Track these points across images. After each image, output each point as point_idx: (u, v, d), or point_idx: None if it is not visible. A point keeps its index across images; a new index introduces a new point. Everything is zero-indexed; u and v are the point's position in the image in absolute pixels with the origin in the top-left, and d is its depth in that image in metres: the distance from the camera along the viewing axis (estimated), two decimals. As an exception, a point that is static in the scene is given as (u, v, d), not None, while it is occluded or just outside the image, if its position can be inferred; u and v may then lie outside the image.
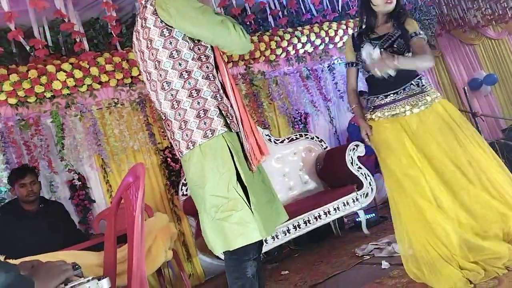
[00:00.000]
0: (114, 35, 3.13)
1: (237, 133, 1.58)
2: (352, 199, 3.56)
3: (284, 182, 3.97)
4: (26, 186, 2.84)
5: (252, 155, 1.56)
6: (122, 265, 1.73)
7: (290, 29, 4.41)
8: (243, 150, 1.57)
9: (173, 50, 1.51)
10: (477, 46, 6.56)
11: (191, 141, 1.53)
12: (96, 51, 3.52)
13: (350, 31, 4.68)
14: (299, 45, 4.48)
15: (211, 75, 1.56)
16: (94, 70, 3.39)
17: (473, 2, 5.47)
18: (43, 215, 2.91)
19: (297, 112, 4.63)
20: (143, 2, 1.58)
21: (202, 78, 1.54)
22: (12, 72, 3.17)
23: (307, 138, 4.24)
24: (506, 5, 6.09)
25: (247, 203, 1.48)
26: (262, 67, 4.45)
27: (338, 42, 4.70)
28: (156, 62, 1.54)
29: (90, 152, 3.53)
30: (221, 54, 1.62)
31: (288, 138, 4.14)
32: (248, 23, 3.96)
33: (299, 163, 4.12)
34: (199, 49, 1.55)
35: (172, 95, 1.54)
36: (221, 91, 1.58)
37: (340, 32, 4.61)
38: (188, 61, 1.53)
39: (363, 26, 2.23)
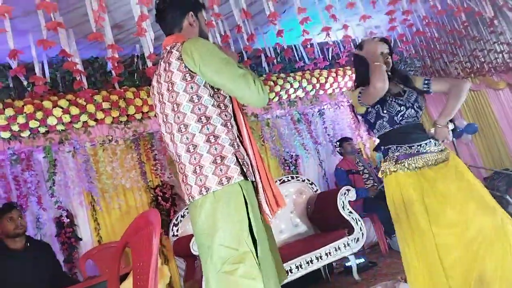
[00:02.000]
0: (115, 75, 3.18)
1: (252, 182, 1.57)
2: (344, 244, 3.57)
3: (275, 224, 3.96)
4: (14, 220, 2.75)
5: (268, 206, 1.57)
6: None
7: (283, 75, 4.56)
8: (259, 201, 1.57)
9: (194, 95, 1.53)
10: (457, 97, 6.86)
11: (204, 186, 1.51)
12: (94, 88, 3.56)
13: (340, 79, 4.88)
14: (291, 90, 4.62)
15: (229, 123, 1.57)
16: (91, 107, 3.41)
17: (454, 56, 5.79)
18: (29, 254, 2.80)
19: (288, 154, 4.71)
20: (168, 48, 1.62)
21: (221, 125, 1.55)
22: (8, 106, 3.17)
23: (298, 180, 4.29)
24: (483, 60, 6.46)
25: (256, 257, 1.45)
26: (255, 109, 4.55)
27: (328, 88, 4.87)
28: (175, 105, 1.55)
29: (80, 189, 3.49)
30: (239, 104, 1.65)
31: (279, 180, 4.18)
32: (243, 67, 4.09)
33: (291, 205, 4.14)
34: (218, 97, 1.58)
35: (188, 138, 1.54)
36: (238, 140, 1.58)
37: (330, 79, 4.80)
38: (208, 107, 1.54)
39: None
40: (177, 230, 3.46)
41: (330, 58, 4.52)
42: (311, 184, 4.29)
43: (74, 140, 3.50)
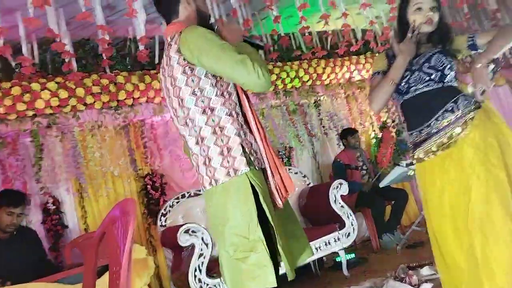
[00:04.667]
0: (105, 58, 3.08)
1: (262, 169, 1.59)
2: (334, 238, 3.51)
3: (266, 216, 3.89)
4: (13, 216, 2.65)
5: (277, 192, 1.58)
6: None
7: (279, 64, 4.46)
8: (269, 187, 1.58)
9: (196, 88, 1.53)
10: (456, 92, 6.80)
11: (214, 178, 1.54)
12: (84, 72, 3.44)
13: (338, 69, 4.78)
14: (288, 80, 4.52)
15: (234, 112, 1.56)
16: (80, 91, 3.30)
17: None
18: (15, 241, 2.71)
19: (281, 145, 4.63)
20: (169, 40, 1.60)
21: (226, 115, 1.54)
22: (-6, 88, 3.06)
23: (291, 172, 4.22)
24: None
25: (266, 246, 1.47)
26: (250, 98, 4.45)
27: (326, 79, 4.77)
28: (179, 100, 1.56)
29: (67, 175, 3.40)
30: (243, 90, 1.62)
31: (272, 172, 4.11)
32: (239, 55, 3.99)
33: (282, 198, 4.07)
34: (221, 85, 1.56)
35: (195, 131, 1.56)
36: (245, 127, 1.58)
37: (328, 69, 4.69)
38: (211, 98, 1.54)
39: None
40: (165, 220, 3.39)
41: (329, 48, 4.42)
42: (304, 176, 4.22)
43: (62, 124, 3.40)
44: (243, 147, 1.53)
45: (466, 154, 1.71)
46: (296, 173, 4.25)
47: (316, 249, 3.38)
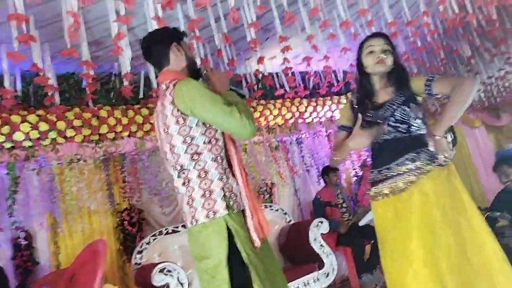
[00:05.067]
0: (89, 92, 3.08)
1: (242, 210, 1.69)
2: (313, 278, 3.47)
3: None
4: None
5: (255, 233, 1.67)
6: None
7: (263, 101, 4.54)
8: (248, 228, 1.68)
9: (187, 137, 1.66)
10: (434, 132, 6.97)
11: (195, 218, 1.66)
12: (67, 105, 3.43)
13: (319, 108, 4.89)
14: (271, 117, 4.59)
15: (219, 157, 1.68)
16: (61, 124, 3.28)
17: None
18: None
19: (263, 181, 4.63)
20: (163, 88, 1.72)
21: (211, 160, 1.66)
22: (-28, 118, 3.02)
23: (272, 209, 4.20)
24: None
25: (230, 287, 1.58)
26: (236, 143, 4.48)
27: (308, 117, 4.86)
28: (171, 145, 1.69)
29: (42, 210, 3.31)
30: (230, 136, 1.73)
31: (253, 209, 4.08)
32: (223, 92, 4.06)
33: (262, 236, 4.02)
34: (210, 132, 1.68)
35: (184, 173, 1.69)
36: (228, 171, 1.69)
37: (310, 108, 4.80)
38: (199, 145, 1.66)
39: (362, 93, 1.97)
40: (141, 258, 3.29)
41: (311, 88, 4.53)
42: (285, 214, 4.21)
43: (40, 157, 3.34)
44: (224, 191, 1.65)
45: (414, 201, 1.77)
46: (277, 210, 4.23)
47: (296, 289, 3.33)
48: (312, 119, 4.95)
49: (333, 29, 3.25)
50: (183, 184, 1.69)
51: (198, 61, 3.15)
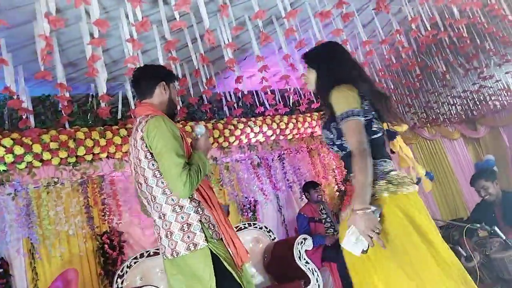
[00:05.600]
0: (64, 115, 3.05)
1: (221, 239, 1.72)
2: (299, 296, 3.44)
3: (229, 274, 3.78)
4: None
5: (235, 261, 1.71)
6: None
7: (243, 119, 4.55)
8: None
9: (156, 171, 1.70)
10: (414, 145, 7.10)
11: (175, 251, 1.68)
12: (42, 127, 3.38)
13: (300, 125, 4.93)
14: (252, 135, 4.61)
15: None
16: (37, 148, 3.22)
17: (410, 107, 6.02)
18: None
19: (246, 199, 4.61)
20: (137, 123, 1.78)
21: None
22: None
23: (256, 227, 4.17)
24: (438, 111, 6.77)
25: None
26: (214, 152, 4.48)
27: (289, 134, 4.89)
28: (144, 178, 1.73)
29: (19, 235, 3.22)
30: None
31: (236, 227, 4.05)
32: (204, 110, 4.06)
33: (246, 255, 3.99)
34: None
35: (158, 207, 1.72)
36: (202, 203, 1.72)
37: (291, 125, 4.83)
38: None
39: None
40: (122, 282, 3.22)
41: (291, 105, 4.57)
42: (269, 231, 4.18)
43: (16, 181, 3.27)
44: (202, 223, 1.69)
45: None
46: (261, 228, 4.21)
47: (281, 308, 3.29)
48: (293, 135, 4.98)
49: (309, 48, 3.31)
50: (159, 217, 1.73)
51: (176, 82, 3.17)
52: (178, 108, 3.41)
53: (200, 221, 1.69)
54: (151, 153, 1.71)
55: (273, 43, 3.33)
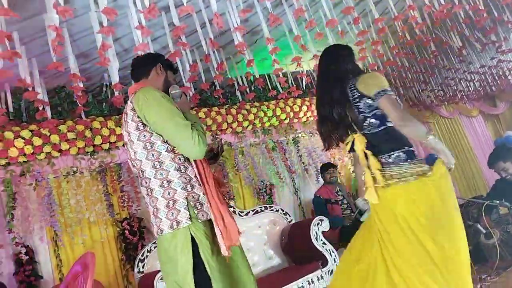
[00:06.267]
0: (80, 105, 3.10)
1: (209, 220, 1.66)
2: (317, 276, 3.47)
3: (247, 257, 3.82)
4: None
5: (221, 241, 1.63)
6: None
7: (256, 104, 4.55)
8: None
9: (147, 142, 1.65)
10: (432, 124, 6.98)
11: (160, 228, 1.65)
12: (59, 118, 3.45)
13: (314, 107, 4.89)
14: (265, 119, 4.60)
15: (182, 167, 1.66)
16: (55, 138, 3.30)
17: (426, 84, 5.90)
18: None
19: (262, 183, 4.63)
20: (130, 98, 1.74)
21: (174, 170, 1.64)
22: (-34, 137, 3.04)
23: (272, 210, 4.20)
24: (456, 88, 6.61)
25: None
26: (228, 138, 4.50)
27: (302, 117, 4.87)
28: (134, 152, 1.68)
29: (41, 224, 3.32)
30: None
31: (253, 211, 4.08)
32: (216, 96, 4.07)
33: (264, 237, 4.03)
34: None
35: (146, 182, 1.67)
36: (193, 180, 1.67)
37: (304, 108, 4.81)
38: (161, 153, 1.65)
39: None
40: (143, 266, 3.30)
41: (304, 87, 4.54)
42: (285, 214, 4.20)
43: (36, 172, 3.36)
44: (188, 201, 1.63)
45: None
46: (277, 210, 4.23)
47: (299, 288, 3.33)
48: (307, 118, 4.95)
49: (320, 29, 3.26)
50: (147, 194, 1.69)
51: (187, 67, 3.18)
52: (191, 94, 3.43)
53: (186, 198, 1.63)
54: (143, 124, 1.64)
55: (283, 24, 3.30)
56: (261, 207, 4.15)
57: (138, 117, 1.64)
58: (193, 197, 1.65)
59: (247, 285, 1.74)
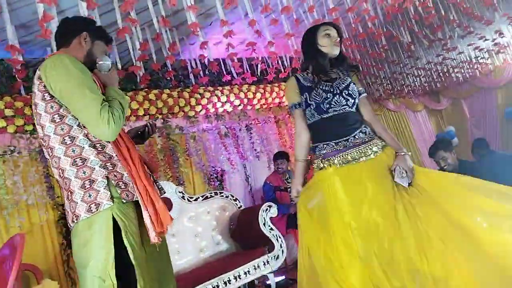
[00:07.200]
0: (18, 79, 2.90)
1: (135, 202, 1.49)
2: (263, 261, 3.51)
3: (195, 242, 3.81)
4: None
5: (150, 227, 1.47)
6: None
7: (210, 88, 4.48)
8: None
9: (55, 115, 1.44)
10: (380, 117, 7.26)
11: (75, 214, 1.41)
12: (-4, 94, 3.22)
13: (268, 95, 4.91)
14: (219, 104, 4.56)
15: (98, 144, 1.47)
16: (-10, 115, 3.07)
17: (376, 77, 6.10)
18: None
19: (213, 169, 4.61)
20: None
21: (89, 146, 1.45)
22: None
23: (222, 196, 4.18)
24: (403, 82, 6.90)
25: None
26: (180, 122, 4.41)
27: (256, 104, 4.87)
28: (40, 127, 1.47)
29: (-26, 206, 3.10)
30: None
31: (202, 196, 4.05)
32: (168, 78, 3.96)
33: (213, 223, 4.02)
34: None
35: (56, 162, 1.46)
36: (115, 159, 1.48)
37: (258, 95, 4.81)
38: (72, 127, 1.45)
39: (310, 68, 2.07)
40: (85, 251, 3.18)
41: (259, 74, 4.53)
42: (235, 200, 4.21)
43: (-32, 150, 3.12)
44: (108, 180, 1.44)
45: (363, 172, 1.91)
46: (227, 196, 4.22)
47: (246, 273, 3.35)
48: (261, 105, 4.96)
49: (276, 15, 3.25)
50: (59, 175, 1.47)
51: (137, 45, 3.06)
52: (141, 74, 3.31)
53: (106, 177, 1.44)
54: (50, 95, 1.43)
55: (239, 8, 3.26)
56: (210, 193, 4.12)
57: (45, 86, 1.43)
58: (115, 175, 1.45)
59: (167, 276, 1.62)
